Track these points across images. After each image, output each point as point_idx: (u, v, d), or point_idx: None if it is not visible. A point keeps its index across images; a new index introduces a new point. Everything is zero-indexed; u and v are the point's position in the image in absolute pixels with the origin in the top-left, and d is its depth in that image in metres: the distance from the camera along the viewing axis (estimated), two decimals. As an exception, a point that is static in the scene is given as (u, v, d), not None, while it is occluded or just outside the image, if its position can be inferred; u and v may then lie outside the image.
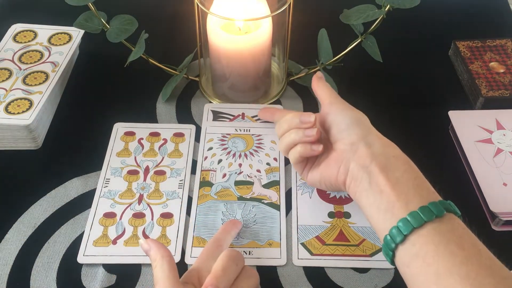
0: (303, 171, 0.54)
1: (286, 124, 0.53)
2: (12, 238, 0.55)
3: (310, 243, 0.55)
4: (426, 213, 0.40)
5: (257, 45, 0.64)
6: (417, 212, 0.40)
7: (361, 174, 0.46)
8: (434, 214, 0.40)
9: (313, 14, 0.79)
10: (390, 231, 0.41)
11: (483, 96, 0.67)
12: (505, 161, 0.60)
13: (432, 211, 0.40)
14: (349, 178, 0.48)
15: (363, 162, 0.46)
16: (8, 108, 0.62)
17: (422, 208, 0.41)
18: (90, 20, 0.63)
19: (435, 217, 0.40)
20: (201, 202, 0.58)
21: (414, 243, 0.40)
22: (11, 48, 0.72)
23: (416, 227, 0.40)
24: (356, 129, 0.48)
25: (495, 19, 0.84)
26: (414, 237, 0.40)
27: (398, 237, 0.41)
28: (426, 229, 0.40)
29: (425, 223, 0.40)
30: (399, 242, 0.41)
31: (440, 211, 0.40)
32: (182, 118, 0.68)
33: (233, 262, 0.45)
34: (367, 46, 0.65)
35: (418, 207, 0.41)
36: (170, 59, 0.71)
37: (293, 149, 0.52)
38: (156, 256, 0.45)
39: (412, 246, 0.40)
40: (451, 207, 0.42)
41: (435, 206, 0.41)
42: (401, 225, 0.41)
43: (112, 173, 0.61)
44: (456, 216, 0.42)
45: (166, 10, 0.84)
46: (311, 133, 0.50)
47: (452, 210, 0.42)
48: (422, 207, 0.41)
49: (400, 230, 0.41)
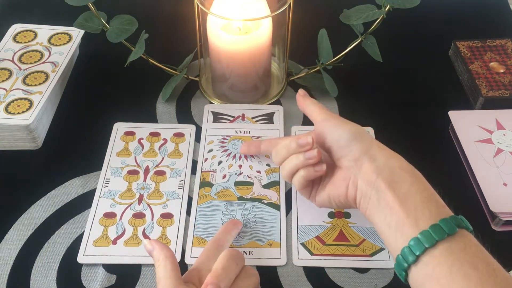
0: (310, 194, 0.52)
1: (284, 150, 0.50)
2: (12, 238, 0.55)
3: (310, 243, 0.55)
4: (437, 232, 0.39)
5: (257, 45, 0.64)
6: (428, 232, 0.39)
7: (369, 191, 0.45)
8: (446, 233, 0.39)
9: (313, 14, 0.79)
10: (402, 250, 0.41)
11: (483, 96, 0.67)
12: (505, 161, 0.60)
13: (444, 229, 0.39)
14: (359, 196, 0.46)
15: (369, 178, 0.45)
16: (8, 108, 0.62)
17: (433, 227, 0.40)
18: (90, 20, 0.63)
19: (447, 235, 0.39)
20: (201, 202, 0.58)
21: (427, 264, 0.39)
22: (11, 48, 0.72)
23: (428, 247, 0.39)
24: (357, 144, 0.46)
25: (495, 19, 0.84)
26: (427, 258, 0.39)
27: (411, 257, 0.40)
28: (439, 249, 0.39)
29: (437, 242, 0.39)
30: (411, 262, 0.40)
31: (452, 228, 0.39)
32: (182, 118, 0.68)
33: (233, 262, 0.45)
34: (367, 46, 0.65)
35: (429, 226, 0.40)
36: (170, 59, 0.71)
37: (296, 175, 0.50)
38: (159, 256, 0.45)
39: (425, 267, 0.39)
40: (463, 222, 0.41)
41: (446, 223, 0.40)
42: (412, 244, 0.40)
43: (112, 173, 0.61)
44: (468, 232, 0.41)
45: (166, 10, 0.84)
46: (312, 155, 0.48)
47: (464, 226, 0.41)
48: (433, 226, 0.40)
49: (411, 250, 0.40)
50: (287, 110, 0.69)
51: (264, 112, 0.68)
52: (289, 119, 0.67)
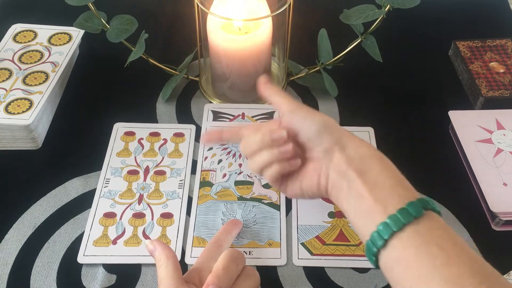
0: (280, 186, 0.50)
1: (255, 144, 0.48)
2: (12, 238, 0.55)
3: (310, 243, 0.55)
4: (404, 215, 0.39)
5: (257, 45, 0.64)
6: (396, 215, 0.40)
7: (340, 181, 0.45)
8: (413, 216, 0.39)
9: (313, 14, 0.79)
10: (371, 235, 0.41)
11: (483, 96, 0.67)
12: (505, 161, 0.60)
13: (411, 212, 0.40)
14: (330, 186, 0.46)
15: (340, 169, 0.45)
16: (8, 108, 0.62)
17: (400, 211, 0.40)
18: (90, 20, 0.63)
19: (414, 218, 0.39)
20: (201, 202, 0.58)
21: (396, 247, 0.40)
22: (11, 48, 0.72)
23: (396, 230, 0.39)
24: (327, 135, 0.46)
25: (495, 19, 0.84)
26: (395, 241, 0.40)
27: (379, 241, 0.40)
28: (406, 232, 0.39)
29: (405, 225, 0.39)
30: (380, 246, 0.40)
31: (418, 211, 0.40)
32: (182, 118, 0.68)
33: (234, 262, 0.45)
34: (367, 46, 0.65)
35: (397, 210, 0.40)
36: (170, 59, 0.71)
37: (269, 169, 0.48)
38: (161, 256, 0.45)
39: (394, 250, 0.40)
40: (429, 204, 0.41)
41: (413, 206, 0.40)
42: (381, 229, 0.40)
43: (112, 173, 0.61)
44: (436, 214, 0.41)
45: (166, 10, 0.84)
46: (287, 149, 0.47)
47: (431, 207, 0.41)
48: (401, 209, 0.40)
49: (380, 235, 0.40)
50: (287, 110, 0.68)
51: (264, 111, 0.68)
52: (289, 119, 0.67)
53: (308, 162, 0.48)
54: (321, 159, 0.46)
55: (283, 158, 0.47)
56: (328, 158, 0.46)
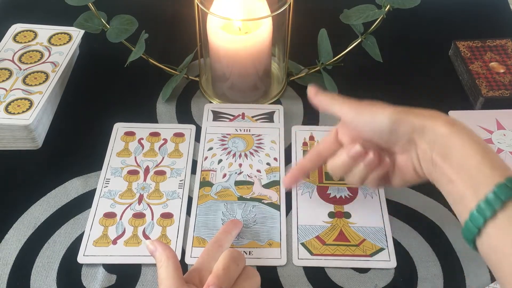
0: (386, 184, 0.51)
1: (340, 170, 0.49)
2: (12, 238, 0.55)
3: (310, 243, 0.55)
4: (495, 199, 0.38)
5: (257, 45, 0.64)
6: (485, 201, 0.38)
7: (431, 168, 0.44)
8: (501, 200, 0.37)
9: (313, 14, 0.79)
10: (465, 223, 0.40)
11: (483, 96, 0.67)
12: (505, 161, 0.60)
13: (499, 197, 0.37)
14: (427, 174, 0.45)
15: (426, 157, 0.44)
16: (8, 108, 0.62)
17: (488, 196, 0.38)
18: (90, 20, 0.63)
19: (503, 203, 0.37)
20: (201, 202, 0.58)
21: (490, 235, 0.38)
22: (11, 48, 0.72)
23: (488, 217, 0.38)
24: (400, 129, 0.45)
25: (495, 19, 0.84)
26: (489, 229, 0.38)
27: (473, 229, 0.39)
28: (499, 218, 0.37)
29: (497, 211, 0.37)
30: (475, 235, 0.39)
31: (507, 194, 0.37)
32: (182, 118, 0.68)
33: (234, 262, 0.45)
34: (367, 46, 0.65)
35: (485, 194, 0.38)
36: (170, 59, 0.71)
37: (367, 180, 0.50)
38: (161, 257, 0.45)
39: (489, 238, 0.38)
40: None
41: (503, 188, 0.38)
42: (473, 217, 0.39)
43: (112, 173, 0.61)
44: None
45: (166, 10, 0.84)
46: (371, 159, 0.47)
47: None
48: (489, 195, 0.38)
49: (473, 223, 0.39)
50: (287, 109, 0.68)
51: (264, 111, 0.68)
52: (289, 119, 0.67)
53: (397, 157, 0.48)
54: (407, 151, 0.46)
55: (372, 168, 0.48)
56: (413, 149, 0.45)
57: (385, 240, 0.55)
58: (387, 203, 0.58)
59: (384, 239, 0.55)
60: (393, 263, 0.53)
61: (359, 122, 0.47)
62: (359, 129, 0.48)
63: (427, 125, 0.43)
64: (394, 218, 0.57)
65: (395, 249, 0.54)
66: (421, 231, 0.56)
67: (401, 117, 0.45)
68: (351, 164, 0.48)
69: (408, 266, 0.53)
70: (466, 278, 0.52)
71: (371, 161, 0.47)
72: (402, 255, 0.54)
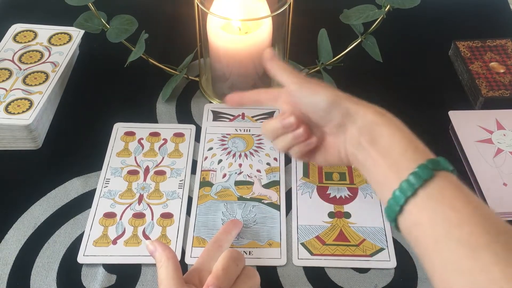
0: (308, 159, 0.53)
1: (271, 132, 0.51)
2: (12, 238, 0.55)
3: (310, 243, 0.55)
4: (416, 179, 0.39)
5: (257, 45, 0.64)
6: (407, 181, 0.40)
7: (356, 152, 0.46)
8: (422, 178, 0.39)
9: (313, 14, 0.79)
10: (388, 202, 0.41)
11: (483, 96, 0.67)
12: (505, 161, 0.60)
13: (420, 175, 0.39)
14: (350, 158, 0.47)
15: (354, 141, 0.46)
16: (8, 108, 0.62)
17: (411, 175, 0.40)
18: (90, 20, 0.63)
19: (424, 181, 0.39)
20: (201, 202, 0.58)
21: (411, 212, 0.40)
22: (11, 48, 0.72)
23: (409, 196, 0.39)
24: (335, 111, 0.46)
25: (495, 19, 0.84)
26: (410, 206, 0.40)
27: (396, 207, 0.40)
28: (419, 196, 0.39)
29: (417, 189, 0.39)
30: (397, 213, 0.41)
31: (428, 173, 0.39)
32: (182, 118, 0.68)
33: (233, 262, 0.45)
34: (367, 46, 0.65)
35: (408, 174, 0.40)
36: (170, 59, 0.71)
37: (291, 150, 0.52)
38: (161, 257, 0.45)
39: (410, 215, 0.40)
40: (440, 164, 0.41)
41: (423, 169, 0.40)
42: (396, 195, 0.40)
43: (112, 173, 0.61)
44: (449, 172, 0.41)
45: (166, 10, 0.84)
46: (299, 133, 0.49)
47: (442, 166, 0.41)
48: (412, 174, 0.40)
49: (396, 201, 0.40)
50: (287, 110, 0.68)
51: (264, 111, 0.68)
52: (289, 119, 0.67)
53: (326, 136, 0.50)
54: (336, 133, 0.48)
55: (299, 141, 0.50)
56: (342, 132, 0.47)
57: (385, 240, 0.55)
58: (387, 203, 0.58)
59: (384, 239, 0.55)
60: (393, 263, 0.53)
61: (300, 95, 0.49)
62: (298, 101, 0.49)
63: (360, 111, 0.46)
64: (394, 218, 0.57)
65: (395, 249, 0.54)
66: (421, 231, 0.56)
67: (337, 100, 0.47)
68: (281, 132, 0.50)
69: (408, 266, 0.53)
70: (466, 278, 0.52)
71: (298, 135, 0.50)
72: (402, 255, 0.54)
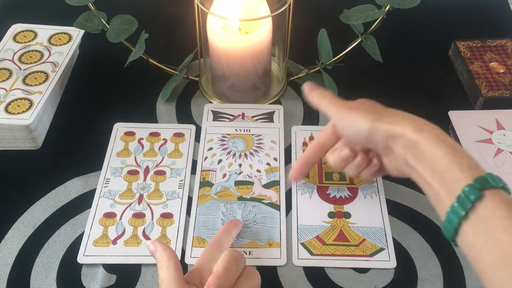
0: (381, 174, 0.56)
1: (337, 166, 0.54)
2: (12, 238, 0.55)
3: (310, 243, 0.55)
4: (463, 203, 0.39)
5: (257, 45, 0.64)
6: (457, 203, 0.40)
7: (409, 170, 0.46)
8: (471, 201, 0.39)
9: (313, 14, 0.79)
10: (443, 225, 0.41)
11: (483, 96, 0.67)
12: (505, 161, 0.60)
13: (469, 198, 0.39)
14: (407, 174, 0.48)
15: (402, 161, 0.46)
16: (8, 108, 0.62)
17: (460, 197, 0.40)
18: (90, 20, 0.63)
19: (474, 202, 0.39)
20: (201, 202, 0.58)
21: (466, 234, 0.40)
22: (11, 48, 0.72)
23: (461, 218, 0.39)
24: (376, 137, 0.47)
25: (495, 19, 0.84)
26: (464, 228, 0.39)
27: (451, 230, 0.40)
28: (471, 219, 0.39)
29: (468, 212, 0.39)
30: (453, 235, 0.41)
31: (476, 194, 0.39)
32: (182, 118, 0.68)
33: (234, 262, 0.45)
34: (367, 46, 0.65)
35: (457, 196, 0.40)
36: (170, 59, 0.71)
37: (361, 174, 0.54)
38: (162, 257, 0.45)
39: (465, 237, 0.40)
40: (488, 182, 0.40)
41: (471, 189, 0.39)
42: (449, 217, 0.40)
43: (112, 173, 0.61)
44: (499, 189, 0.39)
45: (166, 10, 0.84)
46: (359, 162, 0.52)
47: (491, 184, 0.39)
48: (460, 195, 0.40)
49: (450, 224, 0.40)
50: (287, 110, 0.69)
51: (264, 111, 0.68)
52: (289, 119, 0.67)
53: (382, 156, 0.52)
54: (386, 154, 0.49)
55: (361, 168, 0.53)
56: (390, 153, 0.48)
57: (385, 240, 0.55)
58: (387, 203, 0.58)
59: (384, 239, 0.55)
60: (393, 263, 0.53)
61: (342, 127, 0.51)
62: (341, 132, 0.52)
63: (398, 132, 0.46)
64: (394, 218, 0.57)
65: (395, 249, 0.54)
66: (421, 231, 0.56)
67: (375, 126, 0.47)
68: (344, 163, 0.53)
69: (408, 266, 0.53)
70: (466, 279, 0.52)
71: (358, 163, 0.52)
72: (402, 255, 0.54)
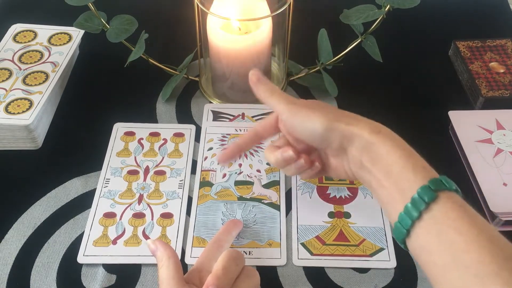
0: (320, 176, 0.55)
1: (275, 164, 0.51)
2: (12, 238, 0.55)
3: (310, 243, 0.55)
4: (417, 204, 0.39)
5: (257, 45, 0.64)
6: (411, 204, 0.40)
7: (361, 172, 0.46)
8: (425, 202, 0.39)
9: (313, 14, 0.79)
10: (395, 225, 0.41)
11: (483, 96, 0.67)
12: (505, 161, 0.60)
13: (423, 199, 0.39)
14: (357, 177, 0.47)
15: (357, 163, 0.45)
16: (8, 108, 0.62)
17: (414, 198, 0.40)
18: (90, 20, 0.63)
19: (427, 204, 0.39)
20: (201, 202, 0.58)
21: (418, 235, 0.40)
22: (11, 48, 0.72)
23: (414, 219, 0.39)
24: (331, 135, 0.46)
25: (495, 19, 0.84)
26: (417, 229, 0.40)
27: (403, 231, 0.40)
28: (424, 220, 0.39)
29: (421, 213, 0.39)
30: (404, 236, 0.41)
31: (431, 195, 0.39)
32: (182, 118, 0.68)
33: (233, 262, 0.45)
34: (367, 46, 0.65)
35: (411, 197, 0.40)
36: (170, 59, 0.71)
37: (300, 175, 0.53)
38: (162, 256, 0.45)
39: (417, 238, 0.40)
40: (442, 184, 0.40)
41: (426, 190, 0.39)
42: (402, 218, 0.40)
43: (112, 173, 0.61)
44: (452, 192, 0.40)
45: (166, 10, 0.84)
46: (301, 164, 0.49)
47: (445, 186, 0.40)
48: (415, 196, 0.40)
49: (402, 225, 0.40)
50: (287, 110, 0.68)
51: (264, 111, 0.68)
52: (289, 119, 0.67)
53: (330, 157, 0.50)
54: (338, 155, 0.48)
55: (303, 170, 0.50)
56: (344, 154, 0.47)
57: (385, 240, 0.55)
58: (387, 203, 0.58)
59: (384, 239, 0.55)
60: (393, 263, 0.53)
61: (292, 124, 0.48)
62: (292, 130, 0.49)
63: (355, 133, 0.45)
64: (394, 218, 0.57)
65: (395, 249, 0.54)
66: (421, 231, 0.56)
67: (331, 125, 0.46)
68: (284, 164, 0.50)
69: (408, 266, 0.53)
70: (466, 278, 0.52)
71: (301, 165, 0.50)
72: (402, 255, 0.54)
